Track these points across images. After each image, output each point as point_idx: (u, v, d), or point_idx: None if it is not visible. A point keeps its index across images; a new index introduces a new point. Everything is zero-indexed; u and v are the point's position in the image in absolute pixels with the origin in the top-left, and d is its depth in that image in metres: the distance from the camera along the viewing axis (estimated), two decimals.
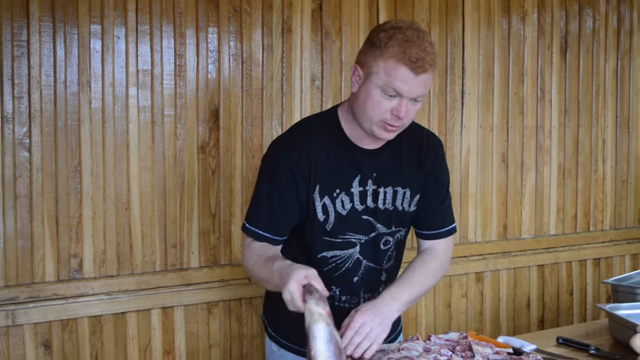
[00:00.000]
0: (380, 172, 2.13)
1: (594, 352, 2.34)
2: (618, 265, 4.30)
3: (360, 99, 2.00)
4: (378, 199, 2.13)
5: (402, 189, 2.19)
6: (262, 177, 2.14)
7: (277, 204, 2.09)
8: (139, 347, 2.91)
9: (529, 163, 3.93)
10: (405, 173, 2.19)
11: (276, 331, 2.30)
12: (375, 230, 2.16)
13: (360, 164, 2.10)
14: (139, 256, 2.90)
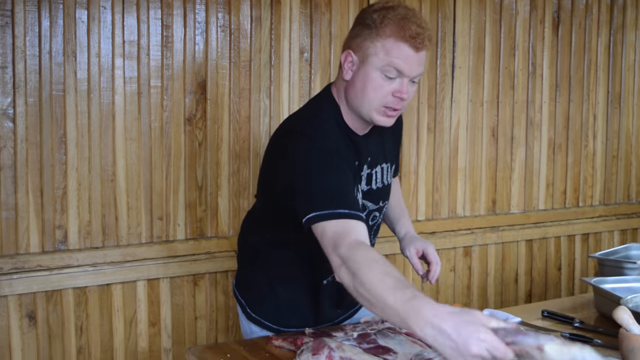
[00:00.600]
0: (372, 155, 2.11)
1: (578, 325, 2.34)
2: (607, 240, 4.31)
3: (357, 85, 1.94)
4: (372, 180, 2.12)
5: (386, 164, 2.19)
6: (313, 169, 1.84)
7: (350, 188, 1.89)
8: (125, 319, 2.90)
9: (519, 138, 3.92)
10: (387, 150, 2.20)
11: (255, 311, 2.26)
12: (366, 209, 2.15)
13: (360, 151, 2.06)
14: (125, 228, 2.89)
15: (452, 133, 3.69)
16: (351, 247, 1.67)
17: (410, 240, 2.30)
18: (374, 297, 1.56)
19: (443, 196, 3.69)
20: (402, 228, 2.36)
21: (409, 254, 2.26)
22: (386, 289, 1.53)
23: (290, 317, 2.22)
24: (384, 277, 1.57)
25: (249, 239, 2.30)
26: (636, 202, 4.43)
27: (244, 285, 2.31)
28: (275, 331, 2.23)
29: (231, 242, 3.06)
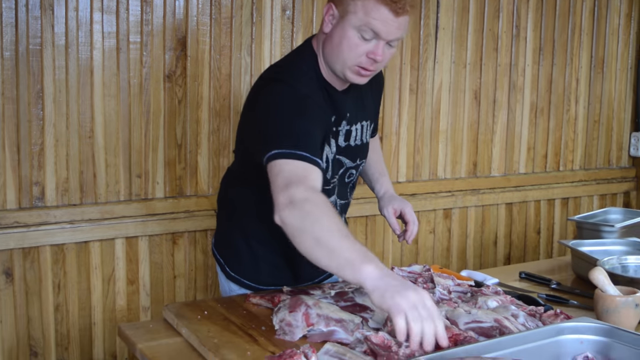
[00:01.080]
0: (351, 111, 2.10)
1: (555, 287, 2.36)
2: (586, 205, 4.33)
3: (334, 40, 1.93)
4: (350, 137, 2.11)
5: (365, 122, 2.18)
6: (285, 111, 1.85)
7: (317, 135, 1.87)
8: (102, 277, 2.89)
9: (501, 101, 3.91)
10: (366, 107, 2.19)
11: (234, 270, 2.26)
12: (343, 166, 2.14)
13: (338, 106, 2.05)
14: (103, 185, 2.86)
15: (435, 95, 3.67)
16: (309, 191, 1.69)
17: (388, 200, 2.31)
18: (324, 241, 1.60)
19: (424, 158, 3.68)
20: (381, 187, 2.37)
21: (386, 213, 2.28)
22: (341, 237, 1.59)
23: (269, 276, 2.22)
24: (337, 226, 1.62)
25: (227, 196, 2.29)
26: (616, 168, 4.46)
27: (223, 244, 2.30)
28: (254, 290, 2.23)
29: (211, 201, 3.04)
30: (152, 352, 1.78)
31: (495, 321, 1.73)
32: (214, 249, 2.34)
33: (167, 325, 1.97)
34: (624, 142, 4.47)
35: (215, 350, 1.69)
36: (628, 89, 4.43)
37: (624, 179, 4.46)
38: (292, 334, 1.77)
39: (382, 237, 3.57)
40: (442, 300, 1.98)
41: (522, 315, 1.80)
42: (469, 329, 1.71)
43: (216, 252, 2.32)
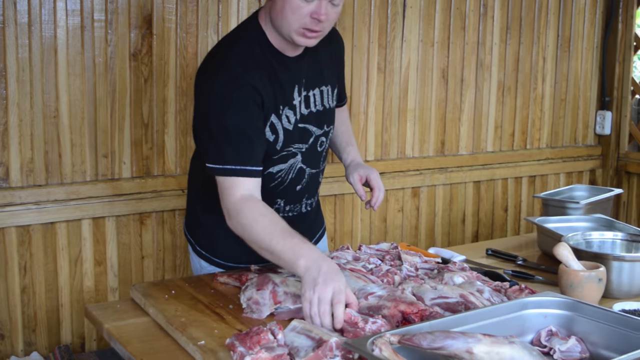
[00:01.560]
0: (307, 76, 2.10)
1: (521, 263, 2.39)
2: (553, 183, 4.37)
3: (277, 5, 1.93)
4: (310, 103, 2.11)
5: (325, 87, 2.18)
6: (217, 108, 1.93)
7: (251, 131, 1.94)
8: (70, 258, 2.87)
9: (468, 80, 3.92)
10: (324, 71, 2.18)
11: (205, 248, 2.26)
12: (312, 135, 2.14)
13: (292, 73, 2.05)
14: (69, 165, 2.83)
15: (402, 73, 3.67)
16: (236, 204, 1.87)
17: (354, 167, 2.32)
18: (261, 247, 1.82)
19: (392, 137, 3.69)
20: (348, 156, 2.38)
21: (352, 180, 2.29)
22: (271, 240, 1.78)
23: (240, 253, 2.22)
24: (270, 228, 1.81)
25: (195, 176, 2.28)
26: (582, 146, 4.50)
27: (193, 223, 2.30)
28: (225, 267, 2.23)
29: (178, 181, 3.02)
30: (119, 332, 1.77)
31: (461, 296, 1.75)
32: (185, 229, 2.34)
33: (134, 305, 1.96)
34: (590, 120, 4.52)
35: (182, 329, 1.69)
36: (594, 68, 4.47)
37: (590, 157, 4.51)
38: (259, 312, 1.77)
39: (351, 215, 3.58)
40: (409, 277, 2.00)
41: (487, 291, 1.82)
42: (435, 305, 1.73)
43: (187, 232, 2.31)
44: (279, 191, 2.14)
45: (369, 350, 1.34)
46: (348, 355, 1.47)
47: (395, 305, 1.64)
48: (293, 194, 2.18)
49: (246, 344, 1.45)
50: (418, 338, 1.37)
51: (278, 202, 2.16)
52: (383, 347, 1.33)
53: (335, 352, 1.45)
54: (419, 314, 1.62)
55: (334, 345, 1.45)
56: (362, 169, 2.30)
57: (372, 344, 1.36)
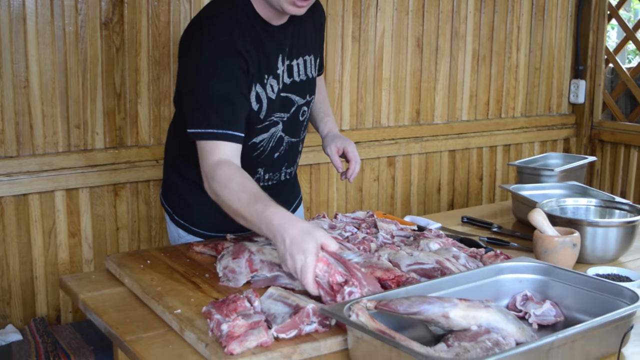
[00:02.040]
0: (290, 45, 2.08)
1: (496, 230, 2.40)
2: (527, 151, 4.40)
3: None
4: (293, 72, 2.10)
5: (308, 56, 2.16)
6: (203, 74, 1.91)
7: (235, 96, 1.93)
8: (43, 230, 2.84)
9: (443, 48, 3.91)
10: (308, 40, 2.16)
11: (182, 217, 2.25)
12: (294, 104, 2.13)
13: (277, 42, 2.03)
14: (40, 136, 2.79)
15: (377, 42, 3.66)
16: (211, 167, 1.84)
17: (331, 139, 2.32)
18: (234, 213, 1.77)
19: (367, 106, 3.68)
20: (325, 127, 2.39)
21: (329, 152, 2.29)
22: (242, 206, 1.74)
23: (219, 222, 2.21)
24: (240, 194, 1.76)
25: (172, 145, 2.26)
26: (556, 114, 4.52)
27: (169, 192, 2.29)
28: (204, 237, 2.22)
29: (152, 151, 3.00)
30: (94, 303, 1.76)
31: (437, 262, 1.76)
32: (161, 198, 2.33)
33: (109, 276, 1.95)
34: (564, 89, 4.54)
35: (158, 298, 1.68)
36: (568, 37, 4.48)
37: (564, 126, 4.54)
38: (235, 280, 1.77)
39: (327, 184, 3.57)
40: (385, 244, 2.00)
41: (463, 257, 1.83)
42: (411, 271, 1.73)
43: (164, 201, 2.30)
44: (260, 160, 2.14)
45: (346, 316, 1.34)
46: (325, 322, 1.47)
47: (372, 272, 1.64)
48: (272, 162, 2.18)
49: (223, 312, 1.45)
50: (395, 303, 1.37)
51: (259, 171, 2.16)
52: (360, 313, 1.34)
53: (312, 319, 1.45)
54: (395, 280, 1.62)
55: (310, 311, 1.45)
56: (340, 140, 2.31)
57: (349, 310, 1.36)
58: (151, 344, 1.49)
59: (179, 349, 1.47)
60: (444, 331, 1.40)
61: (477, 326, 1.35)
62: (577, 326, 1.31)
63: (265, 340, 1.39)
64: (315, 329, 1.46)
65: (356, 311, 1.34)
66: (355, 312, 1.34)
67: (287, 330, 1.42)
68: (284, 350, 1.39)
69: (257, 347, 1.39)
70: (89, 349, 2.51)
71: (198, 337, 1.44)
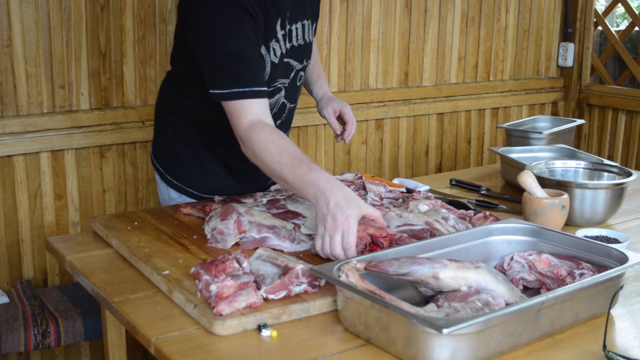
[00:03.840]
0: (291, 9, 2.05)
1: (485, 192, 2.40)
2: (515, 115, 4.38)
3: None
4: (292, 36, 2.07)
5: (307, 20, 2.14)
6: (217, 32, 1.86)
7: (253, 54, 1.89)
8: (29, 192, 2.80)
9: (432, 10, 3.87)
10: (307, 5, 2.14)
11: (175, 177, 2.23)
12: (293, 69, 2.12)
13: (277, 5, 1.99)
14: (24, 97, 2.74)
15: (365, 3, 3.61)
16: (247, 130, 1.81)
17: (327, 101, 2.32)
18: (275, 175, 1.76)
19: (355, 68, 3.64)
20: (319, 89, 2.38)
21: (326, 114, 2.29)
22: (283, 168, 1.72)
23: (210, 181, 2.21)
24: (281, 156, 1.73)
25: (166, 103, 2.23)
26: (545, 78, 4.51)
27: (162, 150, 2.27)
28: (194, 196, 2.21)
29: (138, 113, 2.96)
30: (81, 264, 1.75)
31: (426, 224, 1.75)
32: (152, 156, 2.30)
33: (96, 237, 1.94)
34: (553, 52, 4.51)
35: (146, 259, 1.67)
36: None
37: (552, 89, 4.52)
38: (224, 241, 1.76)
39: (314, 147, 3.55)
40: (373, 206, 1.99)
41: (452, 218, 1.82)
42: (401, 232, 1.73)
43: (154, 159, 2.28)
44: None
45: (336, 276, 1.34)
46: (314, 282, 1.47)
47: (365, 229, 1.63)
48: None
49: (211, 272, 1.44)
50: (384, 264, 1.37)
51: None
52: (349, 273, 1.33)
53: (301, 279, 1.45)
54: (387, 238, 1.61)
55: (300, 272, 1.45)
56: (336, 102, 2.31)
57: (338, 270, 1.35)
58: (139, 305, 1.49)
59: (168, 310, 1.46)
60: (433, 292, 1.40)
61: (466, 287, 1.35)
62: (566, 287, 1.31)
63: (254, 300, 1.38)
64: (305, 289, 1.45)
65: (346, 271, 1.34)
66: (345, 273, 1.33)
67: (277, 291, 1.42)
68: (273, 311, 1.38)
69: (246, 308, 1.38)
70: (77, 311, 2.50)
71: (187, 298, 1.44)
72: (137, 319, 1.42)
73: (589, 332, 1.37)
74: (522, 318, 1.25)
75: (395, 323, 1.22)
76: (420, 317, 1.17)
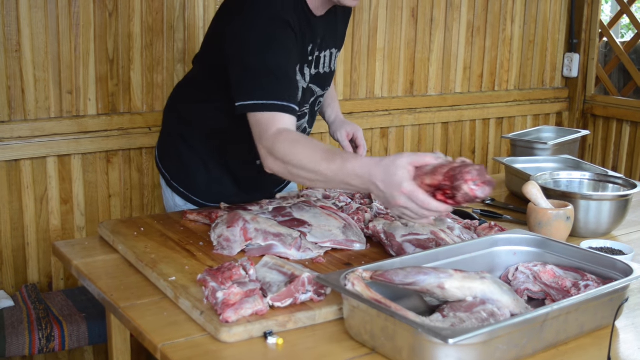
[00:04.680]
0: (322, 37, 2.06)
1: (490, 203, 2.40)
2: (520, 125, 4.39)
3: None
4: (319, 64, 2.09)
5: (335, 49, 2.16)
6: (258, 43, 1.82)
7: (291, 70, 1.86)
8: (35, 196, 2.82)
9: (438, 19, 3.88)
10: (338, 34, 2.16)
11: (182, 184, 2.24)
12: (314, 94, 2.14)
13: (313, 32, 2.00)
14: (32, 102, 2.76)
15: (372, 12, 3.63)
16: (273, 138, 1.72)
17: (340, 124, 2.36)
18: (312, 173, 1.65)
19: (361, 76, 3.66)
20: (332, 112, 2.41)
21: (340, 137, 2.33)
22: (319, 164, 1.63)
23: (220, 190, 2.22)
24: (312, 153, 1.65)
25: (178, 108, 2.23)
26: (550, 88, 4.52)
27: (169, 155, 2.27)
28: (202, 205, 2.22)
29: (145, 119, 2.98)
30: (88, 269, 1.75)
31: (432, 233, 1.76)
32: (158, 162, 2.30)
33: (103, 243, 1.94)
34: (558, 62, 4.52)
35: (153, 265, 1.67)
36: (563, 10, 4.46)
37: (557, 100, 4.53)
38: (230, 248, 1.77)
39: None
40: (379, 215, 2.00)
41: (457, 228, 1.83)
42: (406, 242, 1.74)
43: (161, 166, 2.29)
44: None
45: (342, 285, 1.35)
46: (320, 290, 1.47)
47: (421, 183, 1.52)
48: None
49: (218, 280, 1.45)
50: (390, 274, 1.37)
51: None
52: (356, 282, 1.34)
53: (307, 287, 1.45)
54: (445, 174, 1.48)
55: (306, 280, 1.45)
56: (349, 126, 2.34)
57: (344, 279, 1.36)
58: (146, 311, 1.49)
59: (174, 316, 1.47)
60: (439, 302, 1.40)
61: (472, 297, 1.35)
62: (571, 298, 1.31)
63: (260, 308, 1.39)
64: (311, 297, 1.46)
65: (352, 280, 1.34)
66: (351, 282, 1.34)
67: (283, 299, 1.43)
68: (279, 318, 1.39)
69: (252, 315, 1.39)
70: (81, 315, 2.51)
71: (193, 305, 1.45)
72: (144, 325, 1.43)
73: (593, 343, 1.38)
74: (527, 329, 1.26)
75: (401, 332, 1.23)
76: (426, 327, 1.18)
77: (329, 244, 1.81)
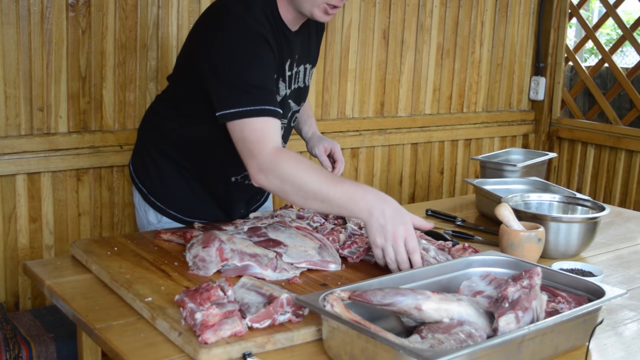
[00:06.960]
0: (298, 52, 2.08)
1: (460, 223, 2.43)
2: (487, 146, 4.45)
3: None
4: (294, 79, 2.10)
5: (309, 65, 2.18)
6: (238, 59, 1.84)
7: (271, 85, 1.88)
8: (3, 214, 2.78)
9: (409, 41, 3.93)
10: (312, 50, 2.18)
11: (159, 198, 2.22)
12: (290, 110, 2.15)
13: (289, 47, 2.02)
14: (2, 118, 2.73)
15: (344, 33, 3.66)
16: (272, 156, 1.77)
17: (318, 140, 2.38)
18: (314, 197, 1.74)
19: (332, 97, 3.68)
20: (309, 129, 2.43)
21: (318, 152, 2.34)
22: (322, 189, 1.73)
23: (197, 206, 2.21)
24: (316, 177, 1.75)
25: (160, 123, 2.22)
26: (517, 110, 4.58)
27: (141, 166, 2.25)
28: (178, 220, 2.21)
29: (117, 137, 2.96)
30: (61, 289, 1.73)
31: None
32: (134, 177, 2.27)
33: (75, 262, 1.92)
34: (525, 85, 4.60)
35: (128, 285, 1.66)
36: (530, 34, 4.54)
37: (524, 122, 4.60)
38: (206, 269, 1.76)
39: None
40: (353, 236, 2.01)
41: (432, 249, 1.85)
42: None
43: (137, 181, 2.26)
44: None
45: (321, 306, 1.35)
46: (298, 312, 1.48)
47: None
48: None
49: (196, 300, 1.44)
50: (368, 294, 1.38)
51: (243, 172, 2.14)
52: (334, 303, 1.34)
53: (286, 308, 1.46)
54: None
55: (284, 301, 1.46)
56: (326, 141, 2.36)
57: (323, 300, 1.37)
58: (123, 332, 1.48)
59: (151, 337, 1.46)
60: (415, 323, 1.41)
61: (449, 319, 1.37)
62: (547, 319, 1.33)
63: (239, 329, 1.39)
64: (289, 318, 1.46)
65: (331, 301, 1.35)
66: (329, 303, 1.35)
67: (261, 320, 1.43)
68: (258, 339, 1.39)
69: (231, 337, 1.39)
70: (49, 336, 2.47)
71: (171, 326, 1.44)
72: (121, 346, 1.41)
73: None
74: (505, 350, 1.27)
75: (381, 354, 1.24)
76: (407, 348, 1.19)
77: (305, 264, 1.81)
